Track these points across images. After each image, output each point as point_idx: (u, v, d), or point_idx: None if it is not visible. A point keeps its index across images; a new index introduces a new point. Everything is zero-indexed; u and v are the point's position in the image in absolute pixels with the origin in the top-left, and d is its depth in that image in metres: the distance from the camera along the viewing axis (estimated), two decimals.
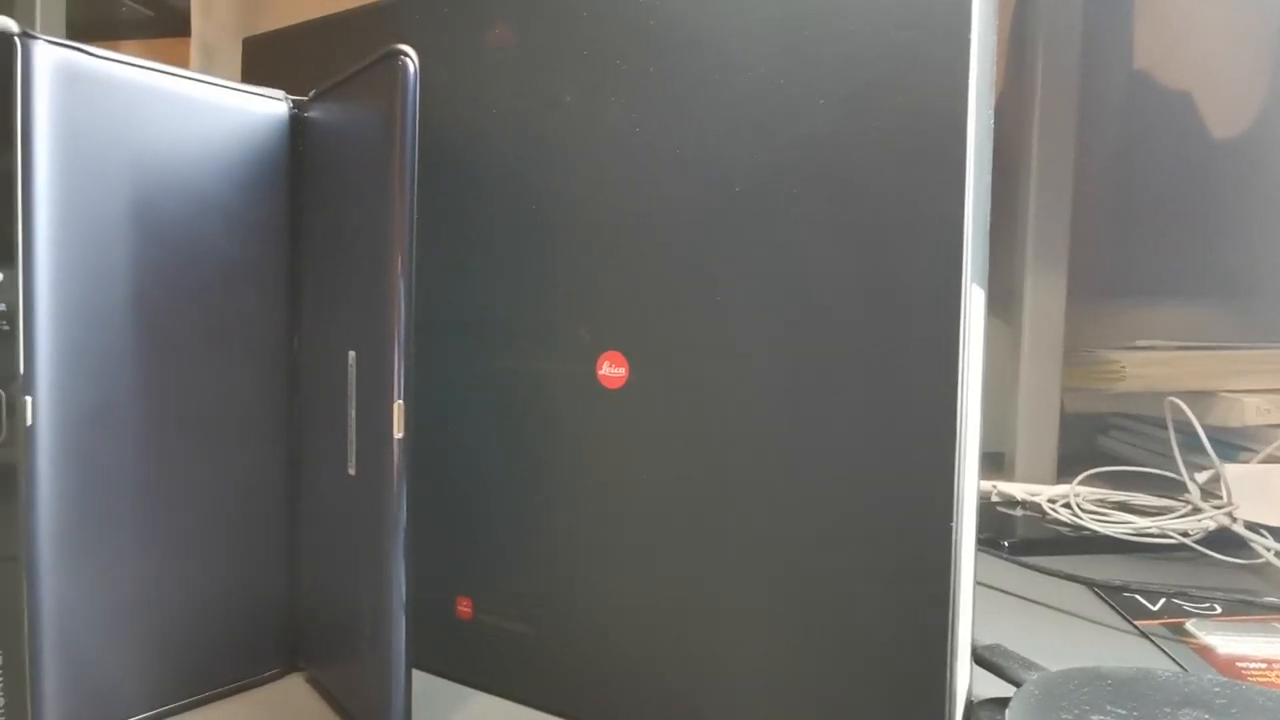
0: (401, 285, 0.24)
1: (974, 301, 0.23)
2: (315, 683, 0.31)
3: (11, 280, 0.23)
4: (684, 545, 0.26)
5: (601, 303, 0.27)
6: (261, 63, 0.38)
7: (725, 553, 0.25)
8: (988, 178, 0.27)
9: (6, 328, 0.23)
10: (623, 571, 0.27)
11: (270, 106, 0.30)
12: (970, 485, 0.25)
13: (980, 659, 0.30)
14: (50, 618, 0.25)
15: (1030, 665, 0.31)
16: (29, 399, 0.24)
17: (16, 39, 0.23)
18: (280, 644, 0.32)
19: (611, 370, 0.27)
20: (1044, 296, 0.69)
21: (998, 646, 0.31)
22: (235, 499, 0.30)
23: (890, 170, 0.23)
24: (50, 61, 0.24)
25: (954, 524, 0.22)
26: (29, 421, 0.24)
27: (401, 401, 0.25)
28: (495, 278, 0.30)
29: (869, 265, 0.23)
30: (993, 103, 0.27)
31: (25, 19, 0.22)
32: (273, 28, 0.38)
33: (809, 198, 0.24)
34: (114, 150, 0.26)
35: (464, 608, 0.31)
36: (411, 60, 0.24)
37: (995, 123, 0.27)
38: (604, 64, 0.27)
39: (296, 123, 0.31)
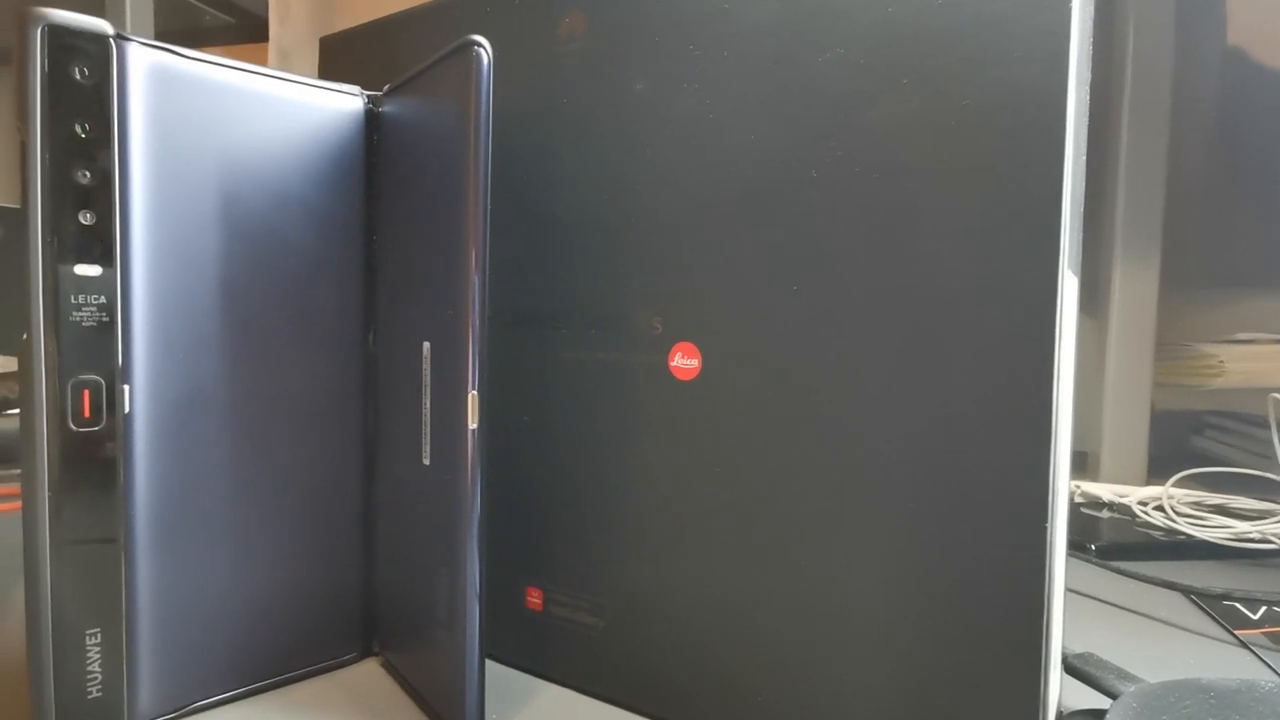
0: (475, 277, 0.25)
1: (1068, 289, 0.22)
2: (389, 667, 0.32)
3: (110, 275, 0.24)
4: (758, 542, 0.26)
5: (674, 293, 0.27)
6: (337, 61, 0.38)
7: (801, 551, 0.25)
8: (1083, 158, 0.25)
9: (106, 320, 0.24)
10: (693, 566, 0.27)
11: (346, 102, 0.31)
12: (1063, 485, 0.23)
13: (1072, 668, 0.29)
14: (146, 598, 0.26)
15: (1126, 676, 0.29)
16: (126, 388, 0.25)
17: (111, 40, 0.24)
18: (356, 629, 0.32)
19: (684, 362, 0.27)
20: (1134, 286, 0.65)
21: (1090, 655, 0.30)
22: (315, 487, 0.30)
23: (980, 151, 0.21)
24: (143, 62, 0.25)
25: (1048, 525, 0.21)
26: (126, 410, 0.25)
27: (476, 392, 0.25)
28: (567, 268, 0.29)
29: (958, 252, 0.22)
30: (1089, 77, 0.25)
31: (116, 25, 0.24)
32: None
33: (891, 182, 0.23)
34: (202, 148, 0.27)
35: (534, 599, 0.31)
36: (485, 51, 0.24)
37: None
38: (676, 50, 0.27)
39: (372, 117, 0.31)
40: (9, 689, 0.29)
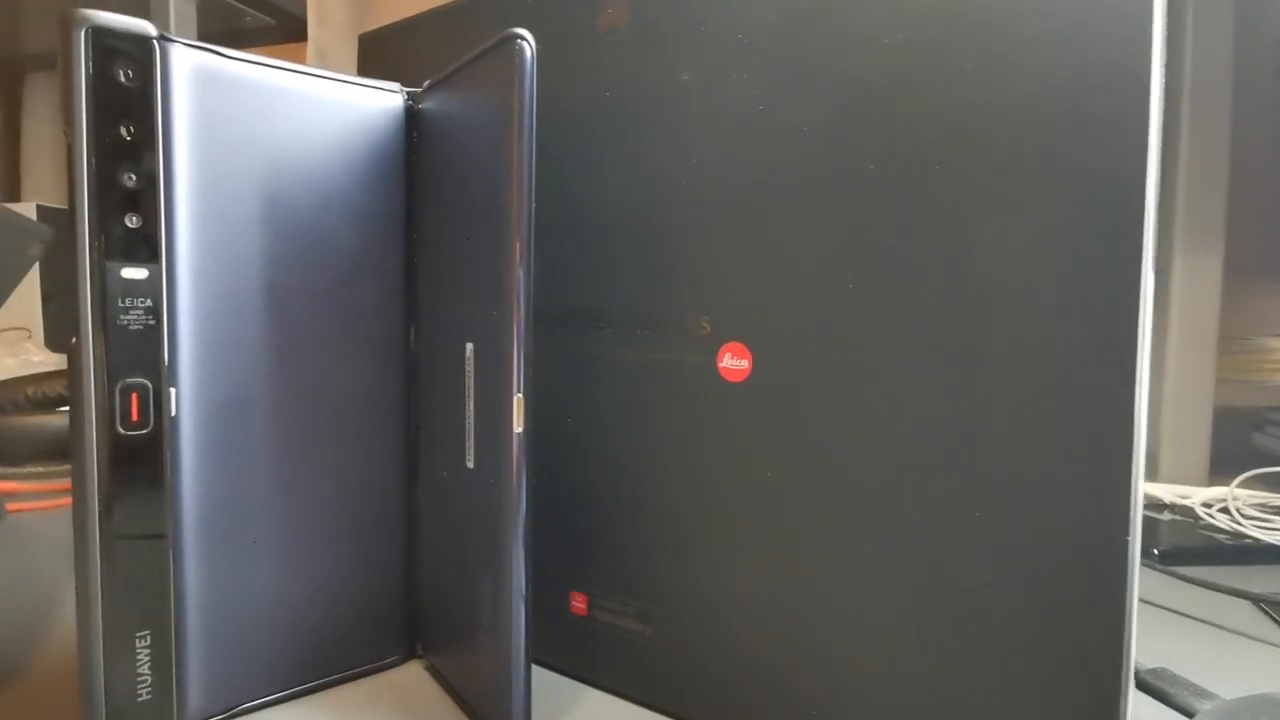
0: (520, 275, 0.24)
1: (1149, 288, 0.21)
2: (433, 670, 0.32)
3: (156, 277, 0.24)
4: (811, 549, 0.25)
5: (723, 292, 0.26)
6: (376, 58, 0.38)
7: (859, 558, 0.24)
8: (1159, 143, 0.23)
9: (153, 323, 0.24)
10: (742, 573, 0.26)
11: (386, 99, 0.30)
12: (1140, 493, 0.22)
13: (1145, 684, 0.27)
14: (194, 600, 0.26)
15: (1202, 693, 0.27)
16: (173, 390, 0.25)
17: (155, 42, 0.24)
18: (400, 631, 0.32)
19: (734, 363, 0.26)
20: (1196, 278, 0.62)
21: (1164, 670, 0.28)
22: (357, 489, 0.30)
23: (1056, 139, 0.20)
24: (186, 63, 0.25)
25: (1130, 538, 0.19)
26: (173, 412, 0.25)
27: (521, 395, 0.24)
28: (611, 267, 0.29)
29: (1031, 248, 0.21)
30: (1165, 56, 0.23)
31: (160, 28, 0.23)
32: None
33: (957, 173, 0.22)
34: (244, 148, 0.27)
35: (578, 604, 0.31)
36: (528, 44, 0.24)
37: None
38: (724, 39, 0.26)
39: (411, 114, 0.31)
40: (59, 691, 0.29)
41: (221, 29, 1.04)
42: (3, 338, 0.98)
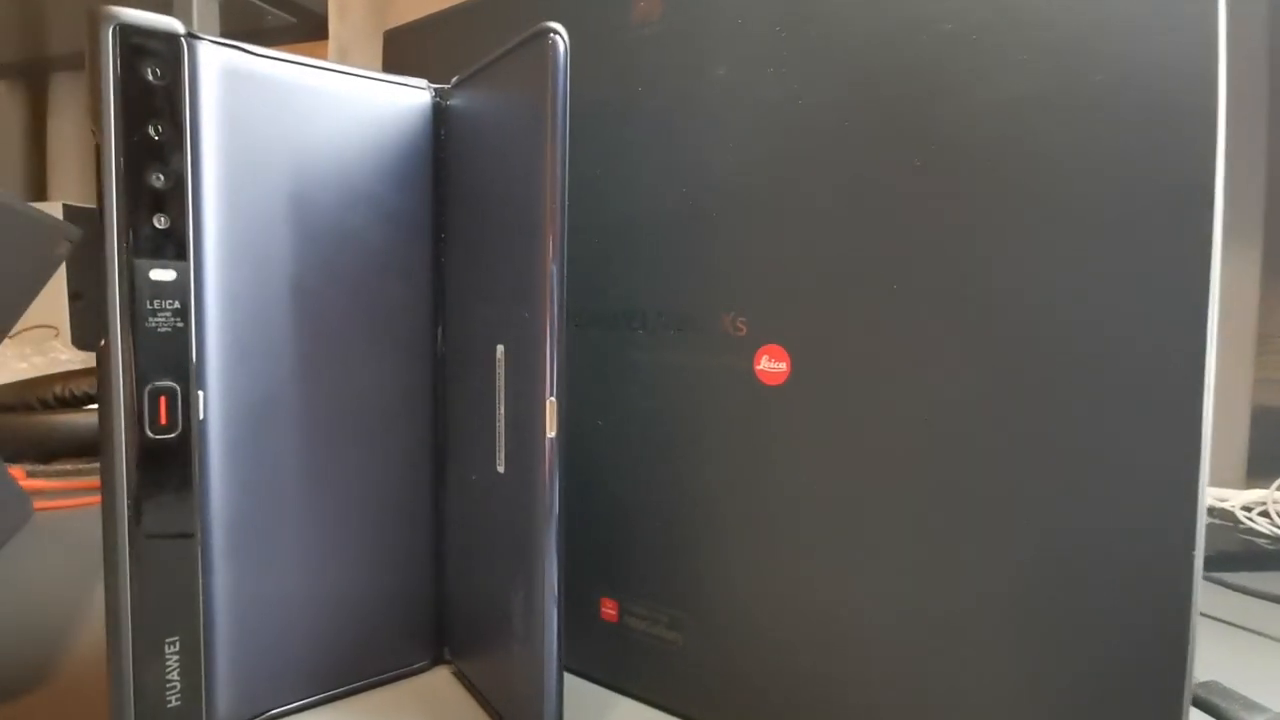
0: (553, 276, 0.23)
1: (1216, 290, 0.20)
2: (461, 676, 0.31)
3: (184, 279, 0.24)
4: (853, 558, 0.24)
5: (759, 291, 0.25)
6: (401, 54, 0.38)
7: (904, 566, 0.23)
8: (1225, 139, 0.22)
9: (181, 325, 0.24)
10: (781, 582, 0.25)
11: (413, 96, 0.30)
12: (1205, 503, 0.21)
13: (1196, 699, 0.26)
14: (222, 605, 0.26)
15: (1254, 707, 0.26)
16: (201, 393, 0.25)
17: (183, 39, 0.24)
18: (427, 636, 0.32)
19: (771, 365, 0.25)
20: (1234, 276, 0.60)
21: (1214, 684, 0.27)
22: (384, 491, 0.30)
23: (1117, 135, 0.19)
24: (214, 61, 0.25)
25: (1196, 552, 0.18)
26: (201, 415, 0.25)
27: (554, 399, 0.24)
28: (643, 266, 0.28)
29: (1089, 248, 0.20)
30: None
31: (184, 25, 0.23)
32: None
33: (1009, 170, 0.21)
34: (271, 147, 0.26)
35: (609, 610, 0.30)
36: (561, 38, 0.23)
37: None
38: (761, 31, 0.25)
39: (439, 111, 0.30)
40: (88, 695, 0.29)
41: (242, 27, 1.05)
42: (30, 335, 0.99)
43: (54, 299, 1.07)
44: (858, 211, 0.23)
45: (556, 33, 0.23)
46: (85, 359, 0.90)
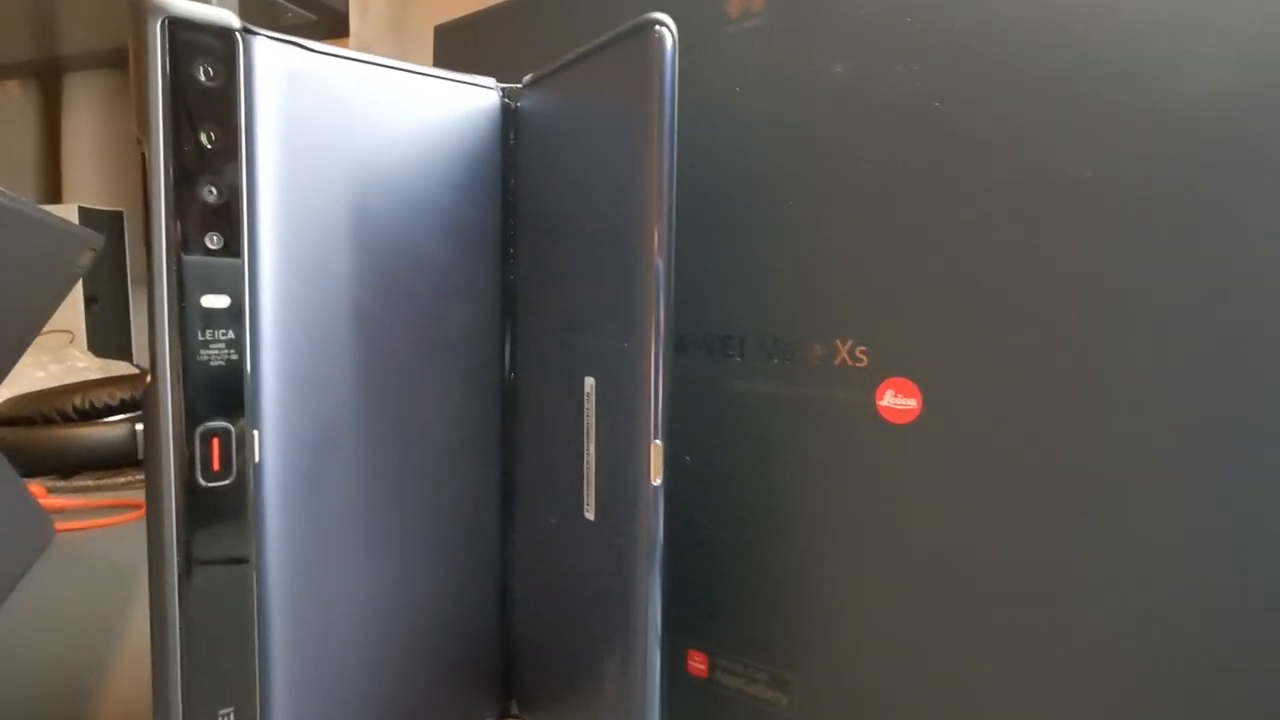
0: (660, 303, 0.21)
1: None
2: None
3: (238, 306, 0.21)
4: (987, 620, 0.21)
5: (884, 316, 0.22)
6: (453, 51, 0.35)
7: (1057, 637, 0.20)
8: None
9: (235, 356, 0.21)
10: (901, 642, 0.23)
11: (481, 97, 0.27)
12: None
13: None
14: (279, 668, 0.23)
15: None
16: (256, 433, 0.22)
17: (238, 35, 0.21)
18: (494, 688, 0.29)
19: (897, 401, 0.22)
20: None
21: None
22: (449, 537, 0.27)
23: None
24: (271, 59, 0.22)
25: None
26: (257, 459, 0.22)
27: (659, 442, 0.21)
28: (740, 284, 0.25)
29: None
30: None
31: None
32: (423, 24, 0.35)
33: (1192, 182, 0.18)
34: (333, 154, 0.24)
35: (697, 663, 0.27)
36: (670, 32, 0.20)
37: None
38: (886, 21, 0.22)
39: (508, 113, 0.27)
40: None
41: (261, 25, 1.02)
42: (45, 341, 0.97)
43: (69, 303, 1.05)
44: (1010, 225, 0.20)
45: (663, 25, 0.20)
46: (104, 366, 0.88)
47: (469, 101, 0.27)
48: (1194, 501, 0.18)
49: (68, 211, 1.03)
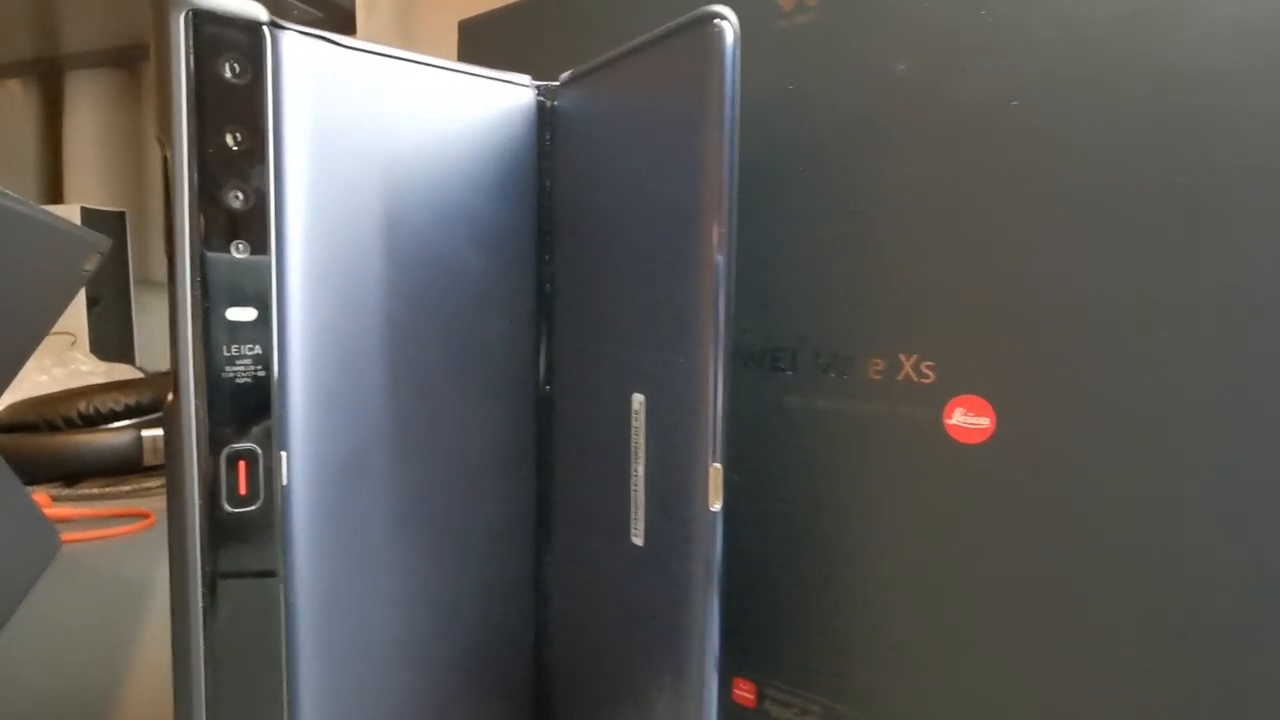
0: (720, 313, 0.19)
1: None
2: None
3: (266, 319, 0.20)
4: (1064, 658, 0.20)
5: (953, 329, 0.21)
6: (478, 48, 0.34)
7: (1141, 682, 0.19)
8: None
9: (262, 373, 0.20)
10: (973, 683, 0.21)
11: (516, 96, 0.25)
12: None
13: None
14: (307, 704, 0.22)
15: None
16: (284, 454, 0.21)
17: (265, 29, 0.20)
18: (527, 713, 0.28)
19: (968, 420, 0.21)
20: None
21: None
22: (481, 553, 0.26)
23: None
24: (299, 55, 0.21)
25: None
26: (285, 481, 0.21)
27: (719, 465, 0.19)
28: (794, 293, 0.24)
29: None
30: None
31: None
32: (429, 21, 0.34)
33: None
34: (363, 157, 0.22)
35: (743, 692, 0.26)
36: (731, 24, 0.19)
37: None
38: (956, 16, 0.21)
39: (543, 112, 0.26)
40: None
41: None
42: (48, 344, 0.95)
43: (71, 305, 1.04)
44: (1098, 235, 0.19)
45: (724, 17, 0.19)
46: (107, 370, 0.86)
47: (502, 100, 0.25)
48: None
49: (70, 212, 1.02)
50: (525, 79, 0.26)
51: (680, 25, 0.20)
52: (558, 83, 0.26)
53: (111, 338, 1.10)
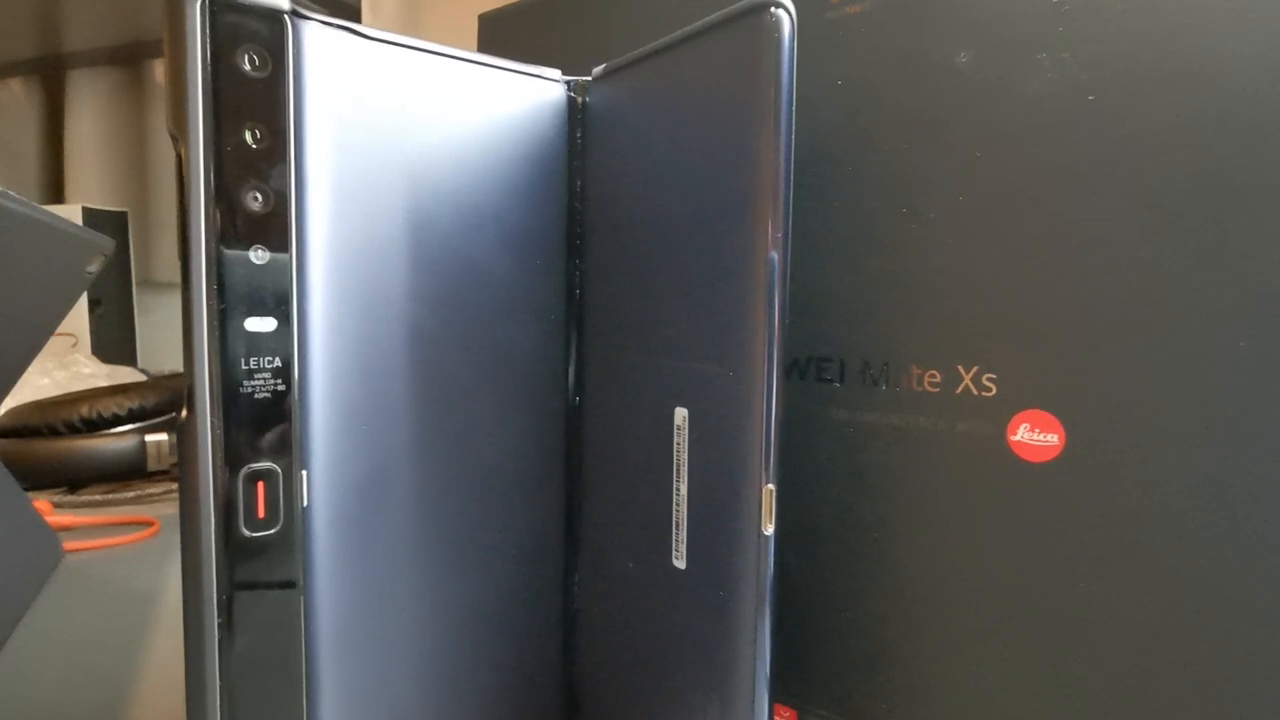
0: (774, 323, 0.18)
1: None
2: None
3: (286, 330, 0.18)
4: (1145, 698, 0.18)
5: (1017, 339, 0.20)
6: (498, 43, 0.32)
7: (1203, 702, 0.17)
8: None
9: (282, 387, 0.18)
10: (1033, 714, 0.20)
11: (546, 91, 0.24)
12: None
13: None
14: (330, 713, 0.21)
15: None
16: (305, 473, 0.19)
17: (287, 18, 0.18)
18: None
19: (1034, 436, 0.19)
20: None
21: None
22: (509, 574, 0.24)
23: None
24: (321, 47, 0.19)
25: None
26: (305, 502, 0.19)
27: (772, 486, 0.18)
28: (845, 300, 0.23)
29: None
30: None
31: None
32: (435, 19, 0.32)
33: None
34: (388, 156, 0.21)
35: (783, 719, 0.25)
36: (788, 13, 0.18)
37: None
38: (1027, 4, 0.19)
39: (574, 109, 0.25)
40: None
41: None
42: (49, 346, 0.94)
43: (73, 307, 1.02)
44: (1178, 240, 0.18)
45: (782, 7, 0.17)
46: (109, 372, 0.85)
47: (531, 96, 0.24)
48: None
49: (71, 212, 1.01)
50: (555, 73, 0.24)
51: (732, 14, 0.18)
52: (589, 78, 0.24)
53: (113, 339, 1.08)
